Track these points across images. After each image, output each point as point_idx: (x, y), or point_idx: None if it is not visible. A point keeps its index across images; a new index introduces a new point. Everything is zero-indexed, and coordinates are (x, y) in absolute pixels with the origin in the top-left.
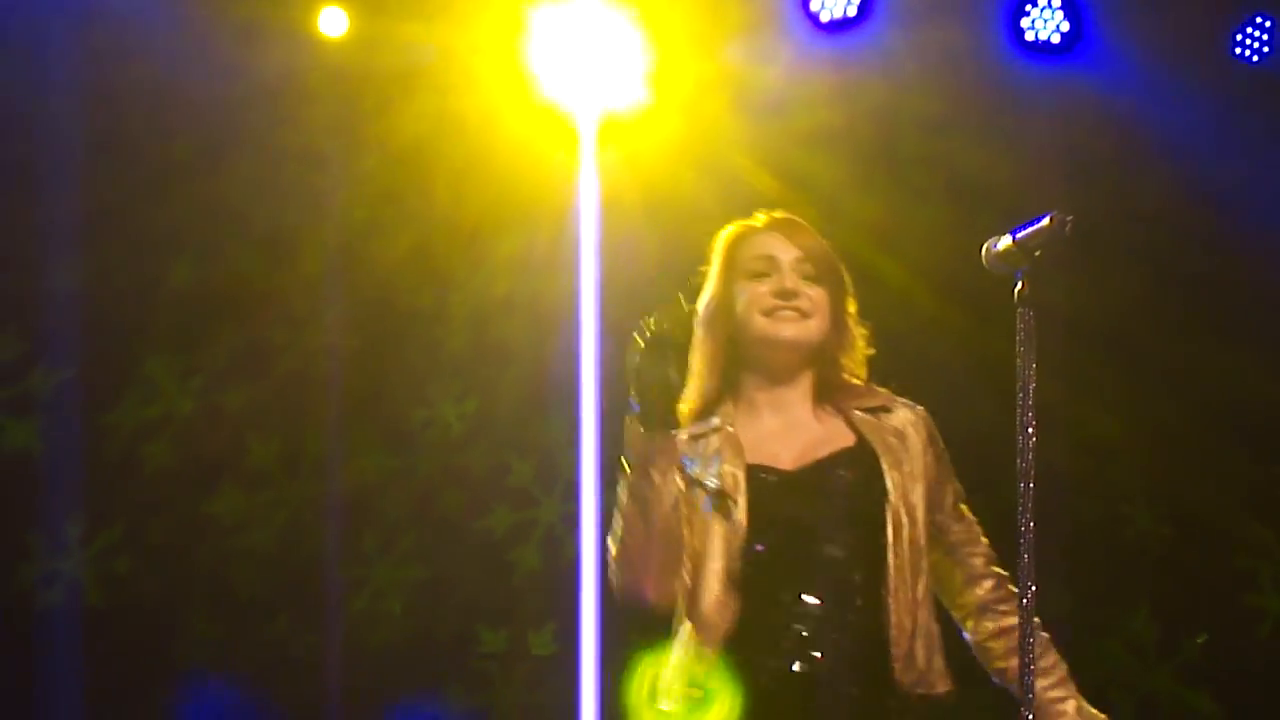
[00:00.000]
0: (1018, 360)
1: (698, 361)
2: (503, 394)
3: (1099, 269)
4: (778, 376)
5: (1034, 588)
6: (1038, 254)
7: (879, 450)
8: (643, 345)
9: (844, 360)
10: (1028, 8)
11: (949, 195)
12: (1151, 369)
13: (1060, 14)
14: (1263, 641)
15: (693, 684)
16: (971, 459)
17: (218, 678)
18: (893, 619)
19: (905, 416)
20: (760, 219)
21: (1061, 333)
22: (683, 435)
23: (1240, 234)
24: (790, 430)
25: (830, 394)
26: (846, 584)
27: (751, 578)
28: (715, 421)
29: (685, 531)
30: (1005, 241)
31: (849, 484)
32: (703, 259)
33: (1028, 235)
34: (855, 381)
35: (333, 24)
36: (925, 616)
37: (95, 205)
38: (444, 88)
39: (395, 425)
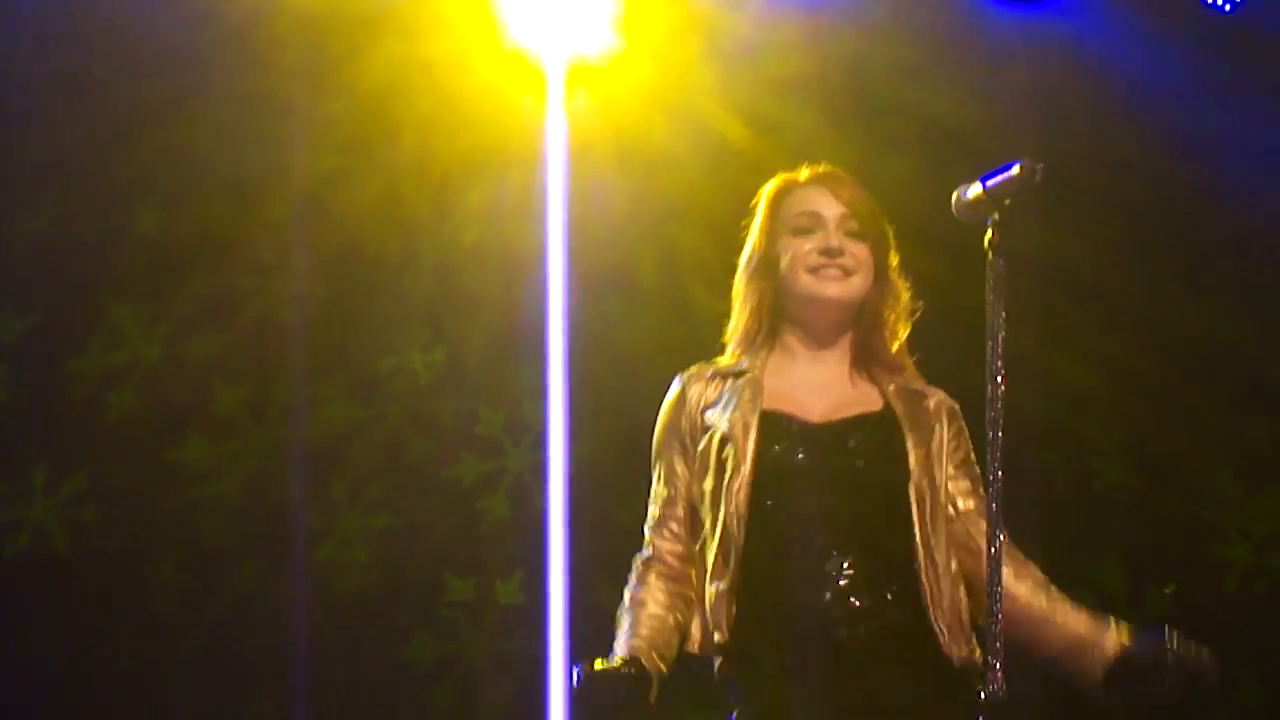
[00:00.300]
0: (988, 309)
1: (740, 309)
2: (471, 343)
3: (1071, 217)
4: (819, 333)
5: (1002, 537)
6: (1008, 202)
7: (905, 424)
8: None
9: (887, 314)
10: None
11: (921, 143)
12: (1124, 319)
13: None
14: (1231, 593)
15: None
16: None
17: (184, 625)
18: (928, 591)
19: (940, 401)
20: (804, 173)
21: (1033, 281)
22: (711, 371)
23: (1214, 183)
24: (822, 385)
25: (869, 362)
26: (859, 541)
27: (755, 530)
28: (745, 364)
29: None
30: (975, 189)
31: (867, 446)
32: (674, 206)
33: (998, 183)
34: (897, 356)
35: None
36: (962, 591)
37: (60, 150)
38: (412, 32)
39: (363, 374)
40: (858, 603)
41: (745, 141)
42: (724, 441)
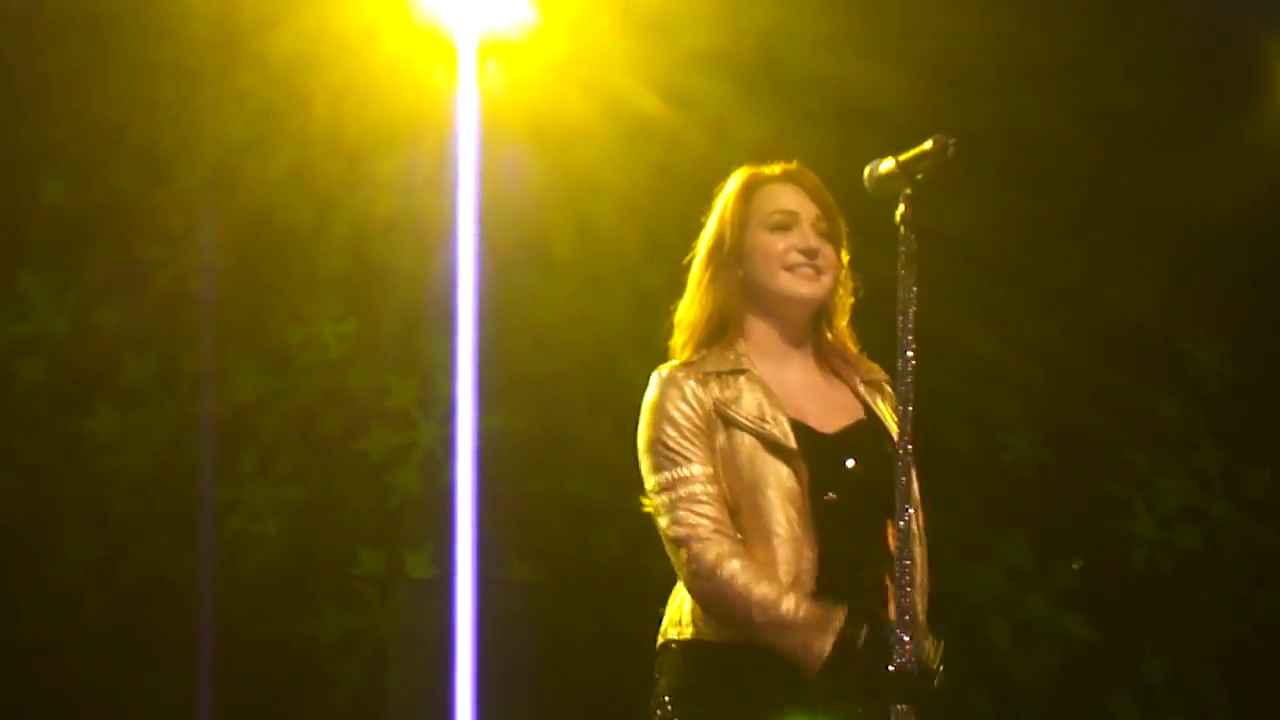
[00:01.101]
0: (899, 283)
1: (703, 298)
2: (383, 314)
3: (983, 191)
4: (789, 330)
5: (911, 511)
6: (920, 176)
7: (886, 427)
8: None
9: (841, 310)
10: None
11: (835, 116)
12: (1033, 293)
13: None
14: (1136, 569)
15: None
16: None
17: (92, 597)
18: (920, 589)
19: (886, 381)
20: (773, 168)
21: (944, 255)
22: (717, 391)
23: (1123, 156)
24: (811, 390)
25: (830, 355)
26: (879, 545)
27: (825, 526)
28: (733, 356)
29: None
30: (888, 164)
31: (870, 455)
32: (587, 178)
33: (911, 157)
34: (849, 346)
35: None
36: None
37: None
38: (323, 4)
39: (273, 345)
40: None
41: (659, 114)
42: (766, 441)
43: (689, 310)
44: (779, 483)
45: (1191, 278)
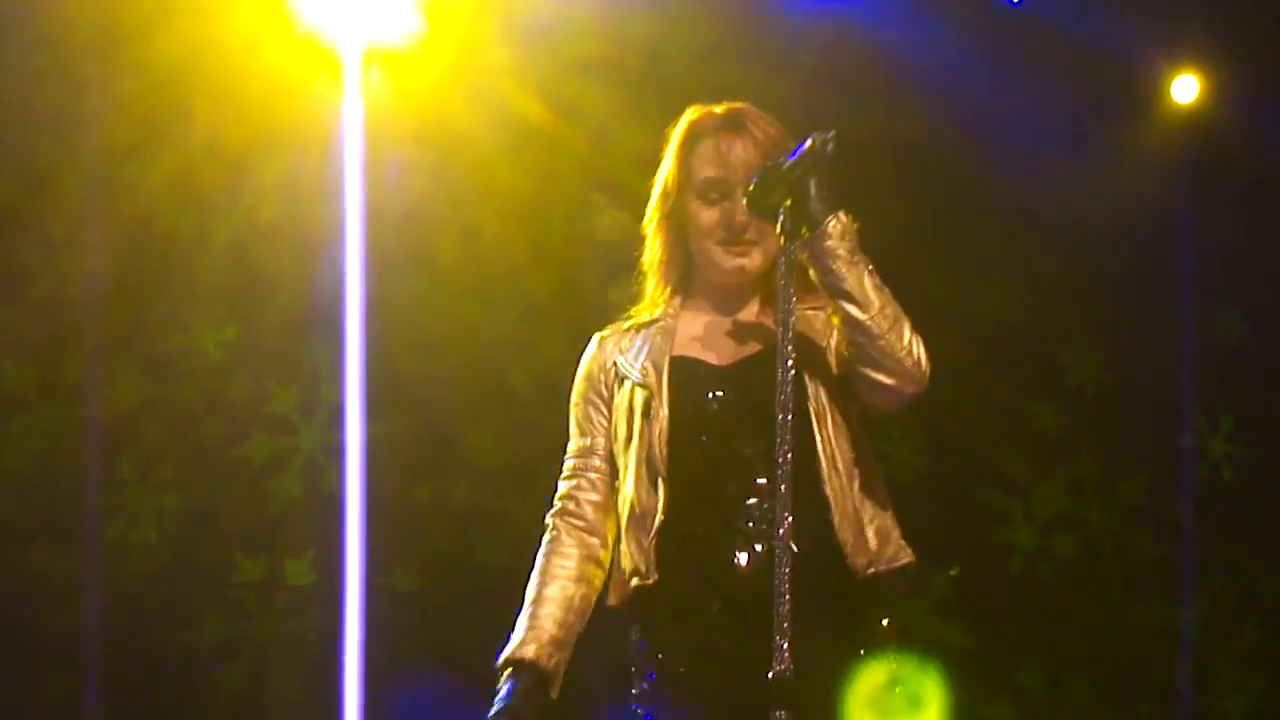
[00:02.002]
0: (780, 293)
1: (652, 251)
2: (266, 321)
3: (861, 198)
4: (730, 292)
5: (790, 518)
6: (806, 177)
7: (798, 347)
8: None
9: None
10: None
11: None
12: (914, 301)
13: None
14: (1013, 576)
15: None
16: None
17: None
18: (834, 508)
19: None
20: (719, 111)
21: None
22: (627, 325)
23: (1003, 167)
24: (730, 329)
25: (774, 299)
26: (774, 476)
27: (678, 471)
28: (661, 308)
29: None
30: (769, 168)
31: (769, 381)
32: (472, 185)
33: (794, 162)
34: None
35: None
36: (870, 505)
37: None
38: (204, 11)
39: (154, 351)
40: (757, 526)
41: (544, 122)
42: (638, 388)
43: (648, 260)
44: (649, 425)
45: (1069, 286)
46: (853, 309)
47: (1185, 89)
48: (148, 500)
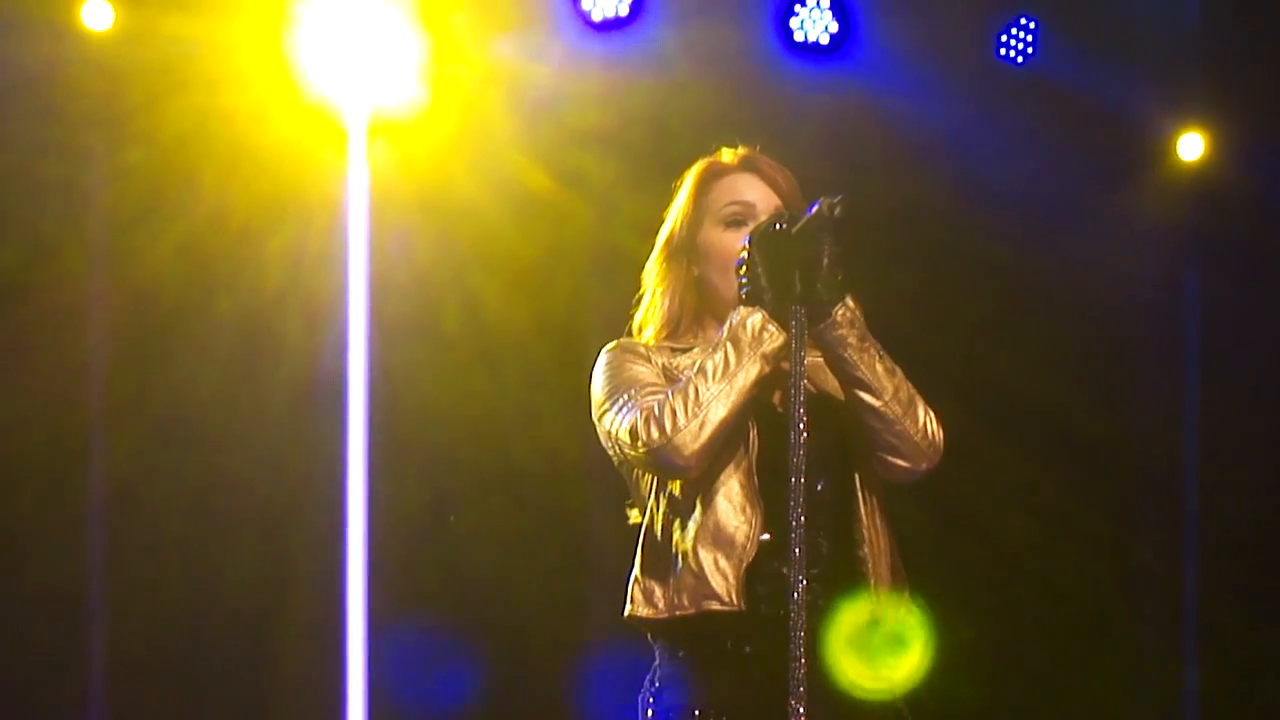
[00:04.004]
0: (790, 357)
1: (659, 293)
2: (270, 390)
3: (868, 266)
4: None
5: (804, 582)
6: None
7: (828, 390)
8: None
9: None
10: (796, 8)
11: None
12: (918, 367)
13: (829, 14)
14: (1022, 638)
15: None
16: None
17: None
18: (867, 546)
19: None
20: (728, 154)
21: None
22: (668, 357)
23: (1009, 231)
24: None
25: None
26: (836, 515)
27: (771, 500)
28: (696, 352)
29: None
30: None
31: (814, 422)
32: (476, 254)
33: (802, 227)
34: None
35: (97, 17)
36: (888, 535)
37: None
38: (211, 83)
39: (159, 421)
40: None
41: (548, 192)
42: None
43: (647, 311)
44: (741, 446)
45: (1075, 349)
46: (867, 396)
47: (1191, 146)
48: (150, 569)
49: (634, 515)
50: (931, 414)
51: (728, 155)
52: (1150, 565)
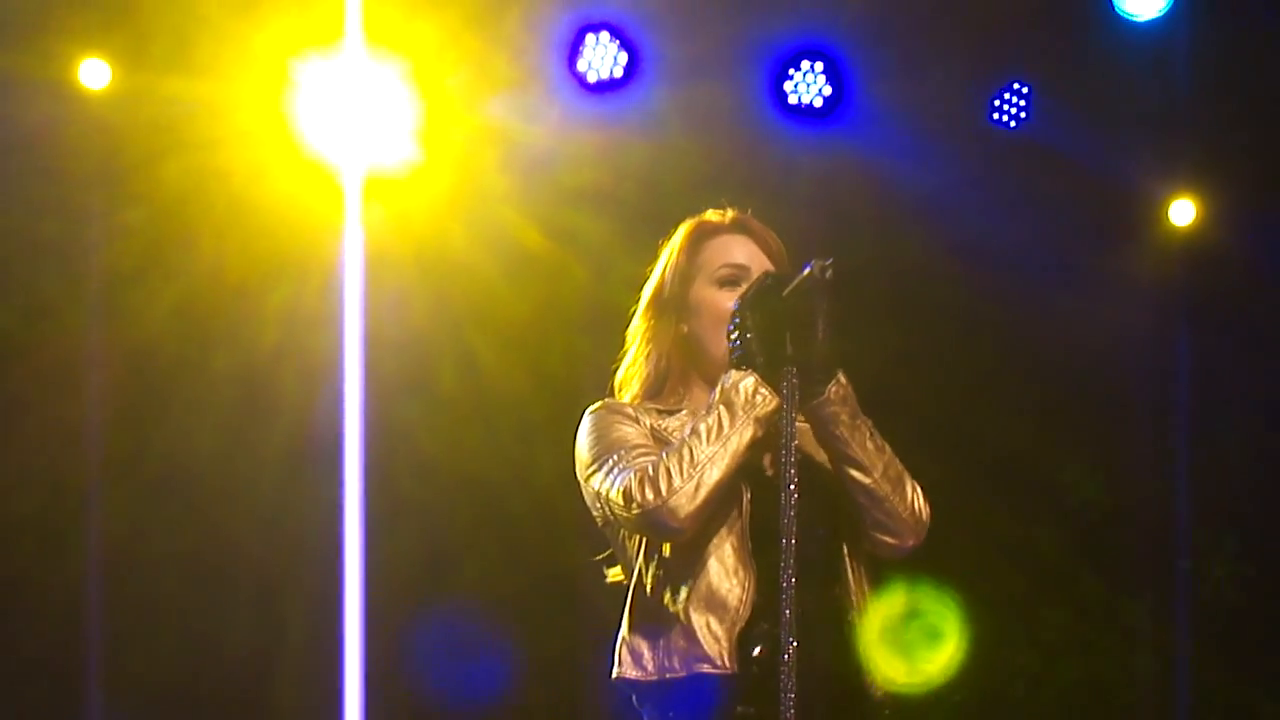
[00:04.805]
0: (781, 418)
1: (644, 350)
2: (266, 448)
3: (859, 325)
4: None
5: (795, 643)
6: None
7: (817, 456)
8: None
9: None
10: (790, 72)
11: None
12: (914, 426)
13: (823, 79)
14: (1016, 700)
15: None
16: None
17: None
18: (855, 605)
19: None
20: (718, 215)
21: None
22: (655, 419)
23: (998, 290)
24: None
25: None
26: (825, 576)
27: (763, 564)
28: (674, 401)
29: None
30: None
31: (807, 485)
32: (472, 312)
33: (791, 289)
34: None
35: (94, 76)
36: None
37: None
38: (208, 142)
39: (155, 479)
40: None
41: (543, 249)
42: None
43: (631, 369)
44: (732, 508)
45: (1067, 409)
46: (857, 474)
47: (1182, 213)
48: (145, 625)
49: (613, 574)
50: (919, 491)
51: (717, 215)
52: (1142, 626)
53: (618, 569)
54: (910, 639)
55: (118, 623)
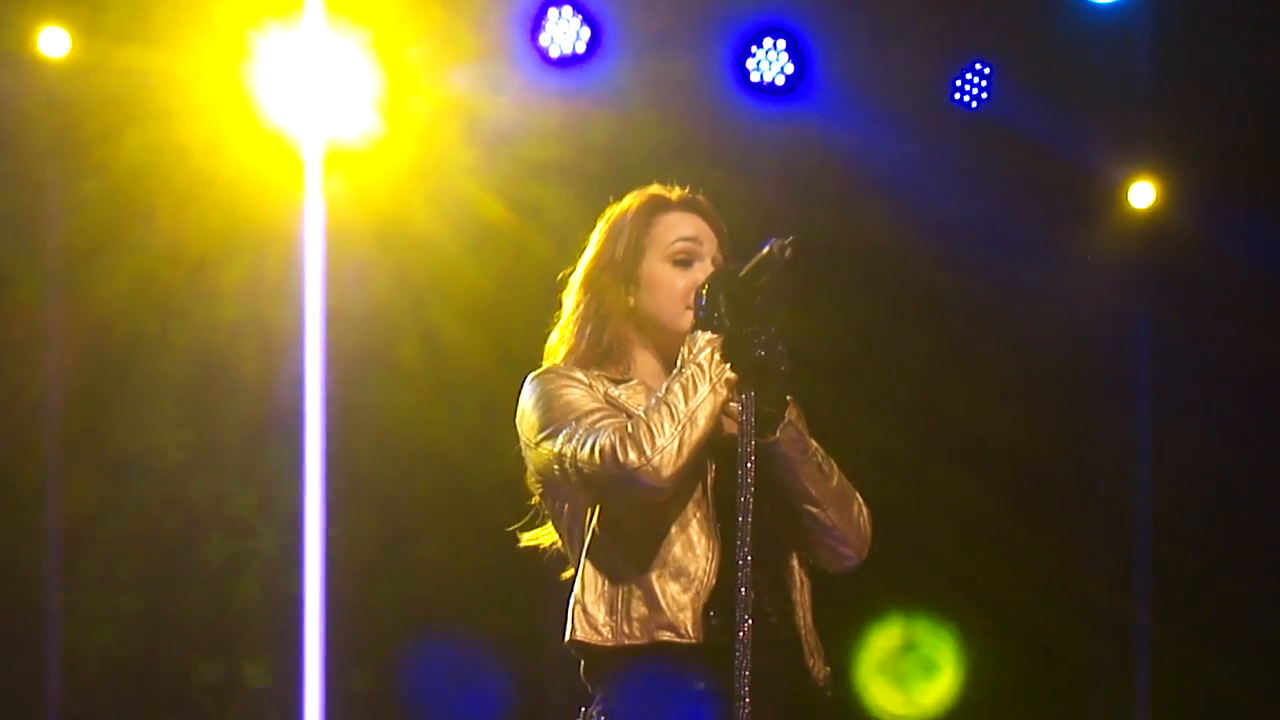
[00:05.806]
0: (740, 401)
1: (583, 316)
2: (225, 422)
3: (823, 299)
4: (669, 358)
5: (749, 620)
6: (763, 280)
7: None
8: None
9: None
10: (753, 49)
11: None
12: (873, 401)
13: (785, 56)
14: (970, 672)
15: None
16: None
17: None
18: (799, 608)
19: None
20: (675, 192)
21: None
22: (607, 387)
23: (959, 269)
24: None
25: None
26: (777, 556)
27: (727, 529)
28: (619, 372)
29: None
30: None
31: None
32: (434, 286)
33: (751, 267)
34: None
35: (53, 44)
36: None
37: None
38: (167, 113)
39: (113, 453)
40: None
41: (506, 223)
42: None
43: (566, 333)
44: (690, 481)
45: (1027, 387)
46: (808, 506)
47: (1142, 195)
48: (106, 601)
49: (529, 538)
50: (864, 508)
51: (666, 190)
52: (1102, 599)
53: (537, 533)
54: (906, 671)
55: (77, 598)
